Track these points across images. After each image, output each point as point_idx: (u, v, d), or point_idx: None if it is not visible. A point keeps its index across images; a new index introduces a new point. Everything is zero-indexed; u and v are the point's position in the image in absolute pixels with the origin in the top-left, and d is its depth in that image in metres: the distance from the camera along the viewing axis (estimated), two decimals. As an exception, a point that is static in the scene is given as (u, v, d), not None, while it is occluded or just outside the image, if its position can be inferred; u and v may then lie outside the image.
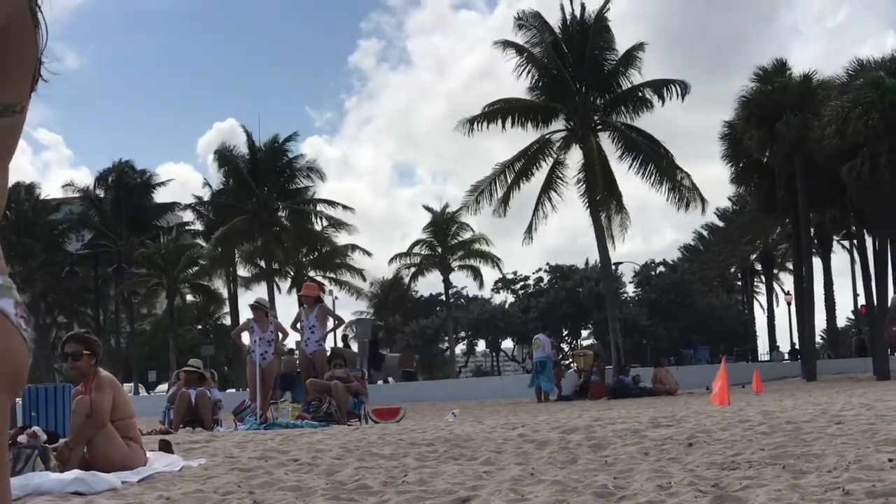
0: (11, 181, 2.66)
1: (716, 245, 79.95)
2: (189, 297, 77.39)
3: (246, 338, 23.86)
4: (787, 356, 70.91)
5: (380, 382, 49.10)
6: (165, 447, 13.29)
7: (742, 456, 10.41)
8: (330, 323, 24.66)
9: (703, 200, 52.20)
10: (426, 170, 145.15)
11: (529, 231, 52.54)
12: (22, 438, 10.99)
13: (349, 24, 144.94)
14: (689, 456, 10.74)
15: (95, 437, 11.10)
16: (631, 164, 50.88)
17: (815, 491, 7.94)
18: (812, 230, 53.42)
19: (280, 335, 23.80)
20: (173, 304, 72.73)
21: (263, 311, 24.40)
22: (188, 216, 72.86)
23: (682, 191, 50.68)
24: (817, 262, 58.55)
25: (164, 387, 52.72)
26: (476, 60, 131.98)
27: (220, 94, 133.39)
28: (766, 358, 76.21)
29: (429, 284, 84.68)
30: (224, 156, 66.00)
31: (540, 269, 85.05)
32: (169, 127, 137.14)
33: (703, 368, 48.10)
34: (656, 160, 50.57)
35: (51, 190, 76.26)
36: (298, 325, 24.35)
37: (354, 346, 39.05)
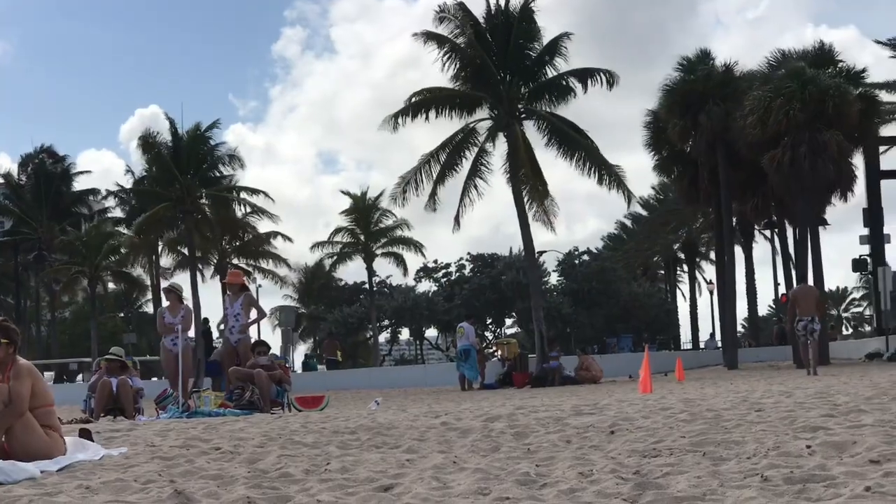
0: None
1: (639, 234, 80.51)
2: (111, 285, 76.81)
3: (170, 340, 23.68)
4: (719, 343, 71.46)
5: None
6: (86, 436, 13.21)
7: (663, 443, 10.49)
8: (253, 314, 24.55)
9: (627, 193, 52.73)
10: (350, 158, 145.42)
11: (457, 219, 52.64)
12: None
13: (273, 11, 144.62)
14: (611, 444, 10.81)
15: (14, 427, 11.01)
16: (558, 152, 51.25)
17: (735, 477, 8.02)
18: (734, 219, 53.89)
19: (182, 325, 23.56)
20: (94, 292, 72.23)
21: (175, 293, 24.32)
22: (110, 203, 72.63)
23: (611, 176, 50.94)
24: (739, 251, 59.09)
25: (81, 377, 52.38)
26: (401, 49, 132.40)
27: (142, 81, 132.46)
28: (689, 346, 76.86)
29: (352, 272, 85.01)
30: (148, 142, 65.71)
31: (461, 259, 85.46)
32: (91, 113, 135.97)
33: (627, 357, 48.45)
34: (584, 146, 50.81)
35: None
36: (228, 314, 24.26)
37: (273, 336, 38.85)
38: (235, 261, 63.39)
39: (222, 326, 25.08)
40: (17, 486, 9.43)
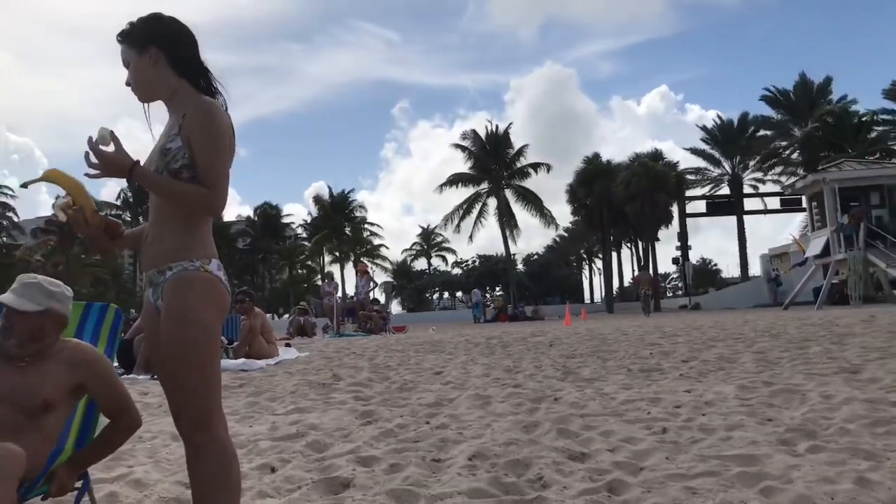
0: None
1: (563, 245, 79.93)
2: (300, 270, 76.51)
3: (328, 299, 23.92)
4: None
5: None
6: (288, 346, 13.25)
7: (577, 351, 10.42)
8: (370, 285, 24.61)
9: (556, 224, 53.45)
10: (419, 207, 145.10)
11: (471, 237, 53.39)
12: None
13: (380, 136, 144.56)
14: (551, 351, 10.75)
15: (252, 342, 11.07)
16: (522, 205, 51.78)
17: (613, 368, 7.97)
18: (611, 238, 53.66)
19: (338, 294, 23.84)
20: (292, 274, 72.47)
21: (335, 284, 24.67)
22: (299, 230, 72.69)
23: (547, 216, 51.61)
24: (614, 254, 58.68)
25: (286, 316, 52.58)
26: (444, 151, 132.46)
27: (316, 168, 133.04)
28: (589, 301, 76.10)
29: (420, 264, 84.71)
30: (318, 199, 66.77)
31: (474, 257, 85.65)
32: (291, 185, 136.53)
33: (557, 307, 48.19)
34: (535, 202, 51.24)
35: (229, 215, 75.66)
36: (358, 286, 24.42)
37: (380, 296, 38.52)
38: (362, 258, 63.20)
39: (355, 290, 25.12)
40: (253, 372, 9.47)
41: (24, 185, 2.41)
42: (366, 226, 69.17)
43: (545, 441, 4.21)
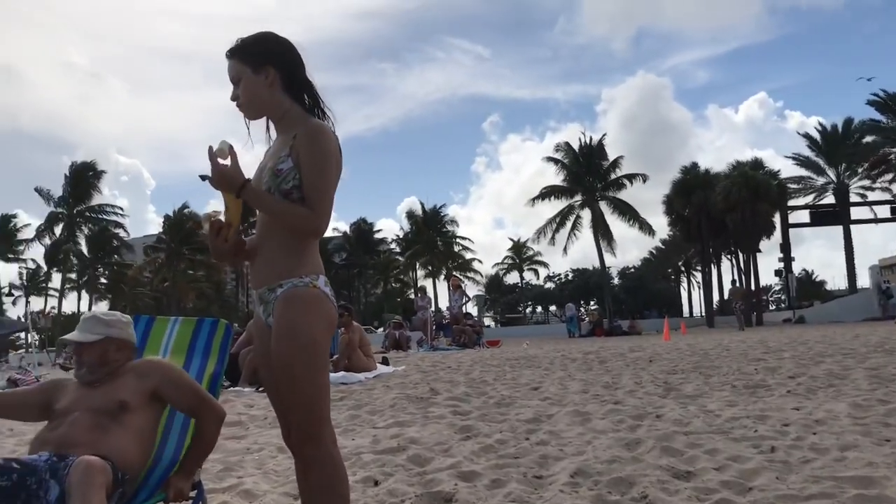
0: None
1: (659, 258, 78.30)
2: (393, 284, 77.51)
3: (421, 313, 24.18)
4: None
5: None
6: (385, 361, 13.42)
7: (678, 367, 10.19)
8: (463, 299, 24.69)
9: (653, 231, 52.37)
10: (510, 221, 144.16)
11: (565, 249, 52.87)
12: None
13: (471, 150, 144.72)
14: (651, 367, 10.54)
15: (351, 355, 11.27)
16: (617, 217, 51.13)
17: (717, 384, 7.76)
18: (710, 249, 52.29)
19: (432, 309, 23.96)
20: (386, 288, 73.47)
21: (427, 298, 24.90)
22: (392, 245, 73.67)
23: (645, 227, 50.74)
24: (715, 266, 57.10)
25: (381, 330, 53.07)
26: (535, 164, 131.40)
27: (408, 185, 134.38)
28: (688, 315, 74.20)
29: (512, 278, 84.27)
30: (411, 215, 67.76)
31: (567, 271, 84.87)
32: (385, 201, 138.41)
33: (655, 321, 47.20)
34: (631, 213, 50.51)
35: (327, 231, 76.89)
36: (452, 301, 24.51)
37: (473, 310, 38.20)
38: (455, 273, 63.52)
39: (448, 305, 25.25)
40: (353, 385, 9.64)
41: (204, 178, 2.50)
42: (457, 240, 69.56)
43: (649, 459, 4.14)
